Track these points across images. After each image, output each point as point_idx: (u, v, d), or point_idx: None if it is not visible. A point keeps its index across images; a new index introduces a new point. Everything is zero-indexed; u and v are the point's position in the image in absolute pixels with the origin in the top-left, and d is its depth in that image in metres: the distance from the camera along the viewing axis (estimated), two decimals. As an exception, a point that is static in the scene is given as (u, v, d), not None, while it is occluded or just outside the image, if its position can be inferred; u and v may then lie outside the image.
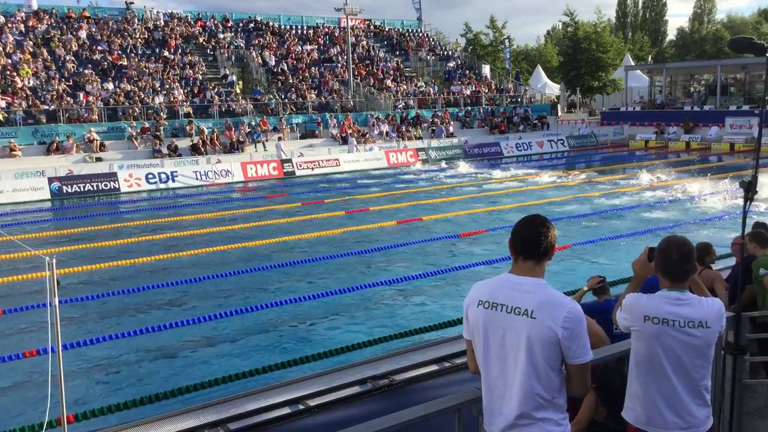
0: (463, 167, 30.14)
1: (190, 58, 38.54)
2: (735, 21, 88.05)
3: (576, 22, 65.71)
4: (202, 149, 30.53)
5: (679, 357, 3.39)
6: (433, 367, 7.11)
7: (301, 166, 30.70)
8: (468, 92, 43.59)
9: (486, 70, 49.51)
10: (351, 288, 11.68)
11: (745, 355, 4.90)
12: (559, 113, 50.77)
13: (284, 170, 30.11)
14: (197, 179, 27.96)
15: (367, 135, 35.23)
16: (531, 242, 3.02)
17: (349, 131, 34.91)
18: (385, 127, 36.32)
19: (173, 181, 27.51)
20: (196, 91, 35.15)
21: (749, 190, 4.23)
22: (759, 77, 41.22)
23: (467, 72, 47.58)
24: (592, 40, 60.16)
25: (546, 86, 54.06)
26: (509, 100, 45.03)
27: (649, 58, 71.67)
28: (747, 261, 6.84)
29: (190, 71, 37.08)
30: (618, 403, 3.71)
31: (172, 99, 33.66)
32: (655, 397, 3.45)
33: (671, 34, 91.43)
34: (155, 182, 27.18)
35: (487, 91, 45.11)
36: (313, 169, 30.88)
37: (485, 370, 3.10)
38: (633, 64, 56.44)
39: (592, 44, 59.75)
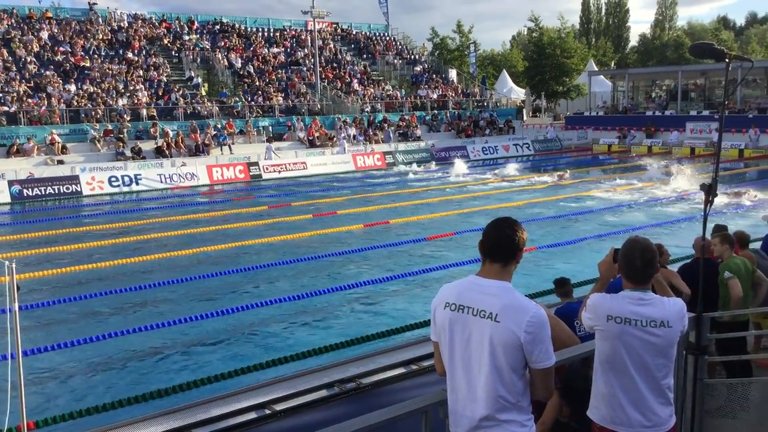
0: (431, 171, 30.25)
1: (154, 59, 38.05)
2: (695, 28, 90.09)
3: (540, 27, 66.49)
4: (167, 152, 30.14)
5: (642, 356, 3.44)
6: (401, 370, 7.12)
7: (267, 169, 30.51)
8: (435, 96, 43.81)
9: (453, 74, 49.83)
10: (318, 291, 11.63)
11: (706, 355, 5.00)
12: (525, 117, 51.28)
13: (251, 173, 29.88)
14: (162, 182, 27.60)
15: (334, 138, 35.15)
16: (498, 245, 3.04)
17: (317, 134, 34.82)
18: (352, 131, 36.30)
19: (137, 184, 27.11)
20: (160, 93, 34.70)
21: (709, 193, 4.32)
22: (718, 83, 42.21)
23: (434, 76, 47.82)
24: (556, 45, 60.91)
25: (512, 91, 54.58)
26: (475, 104, 45.37)
27: (612, 64, 72.93)
28: (712, 262, 6.99)
29: (155, 73, 36.60)
30: (582, 403, 3.75)
31: (135, 101, 33.19)
32: (619, 395, 3.50)
33: (633, 40, 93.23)
34: (118, 185, 26.76)
35: (453, 95, 45.39)
36: (280, 172, 30.70)
37: (451, 372, 3.11)
38: (596, 69, 57.29)
39: (556, 50, 60.50)
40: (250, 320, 10.54)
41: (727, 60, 4.33)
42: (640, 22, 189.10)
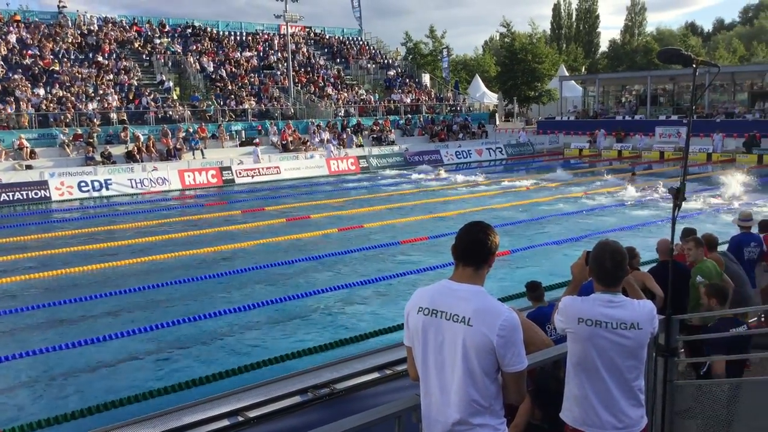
0: (407, 175, 30.32)
1: (124, 63, 37.62)
2: (664, 33, 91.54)
3: (512, 33, 67.11)
4: (138, 156, 29.80)
5: (612, 358, 3.47)
6: (375, 375, 7.10)
7: (240, 173, 30.31)
8: (408, 100, 43.93)
9: (426, 78, 50.02)
10: (292, 296, 11.57)
11: (675, 357, 5.07)
12: (497, 122, 51.66)
13: (223, 178, 29.68)
14: (132, 187, 27.28)
15: (308, 143, 35.06)
16: (471, 249, 3.05)
17: (290, 138, 34.68)
18: (326, 135, 36.24)
19: (107, 189, 26.76)
20: (131, 97, 34.30)
21: (677, 196, 4.38)
22: (687, 88, 42.94)
23: (407, 80, 47.96)
24: (528, 50, 61.50)
25: (484, 95, 54.96)
26: (449, 108, 45.58)
27: (583, 69, 73.82)
28: (680, 265, 7.09)
29: (125, 77, 36.18)
30: (554, 405, 3.78)
31: (106, 105, 32.76)
32: (591, 397, 3.53)
33: (604, 46, 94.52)
34: (88, 190, 26.39)
35: (427, 99, 45.56)
36: (253, 176, 30.53)
37: (424, 376, 3.11)
38: (567, 74, 57.92)
39: (528, 55, 61.08)
40: (223, 326, 10.45)
41: (694, 65, 4.41)
42: (609, 27, 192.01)
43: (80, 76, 34.64)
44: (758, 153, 32.99)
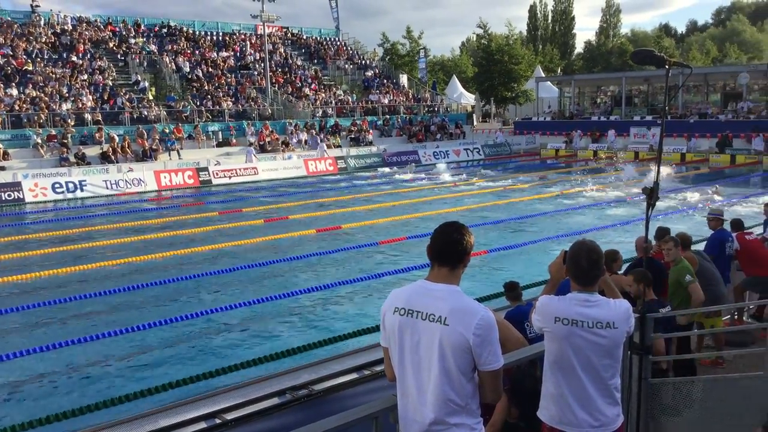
0: (384, 175, 30.34)
1: (99, 63, 37.20)
2: (638, 35, 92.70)
3: (489, 34, 67.39)
4: (113, 157, 29.47)
5: (588, 357, 3.50)
6: (353, 376, 7.09)
7: (217, 174, 30.11)
8: (386, 101, 43.95)
9: (404, 79, 50.09)
10: (269, 297, 11.52)
11: (650, 355, 5.12)
12: (475, 122, 51.89)
13: (200, 179, 29.46)
14: (107, 188, 26.98)
15: (289, 145, 34.92)
16: (446, 249, 3.06)
17: (268, 139, 34.52)
18: (303, 136, 36.12)
19: (81, 190, 26.44)
20: (105, 98, 33.92)
21: (651, 196, 4.43)
22: (661, 89, 43.43)
23: (385, 81, 47.98)
24: (504, 51, 61.80)
25: (462, 96, 55.16)
26: (426, 109, 45.69)
27: (559, 70, 74.40)
28: (655, 262, 7.17)
29: (100, 77, 35.78)
30: (530, 404, 3.80)
31: (80, 105, 32.37)
32: (567, 396, 3.55)
33: (579, 47, 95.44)
34: (62, 192, 26.04)
35: (404, 100, 45.61)
36: (230, 177, 30.34)
37: (400, 376, 3.12)
38: (543, 75, 58.37)
39: (504, 56, 61.38)
40: (200, 327, 10.37)
41: (667, 66, 4.46)
42: (585, 29, 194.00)
43: (54, 76, 34.19)
44: (731, 153, 33.48)
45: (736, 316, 9.07)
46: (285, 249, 15.77)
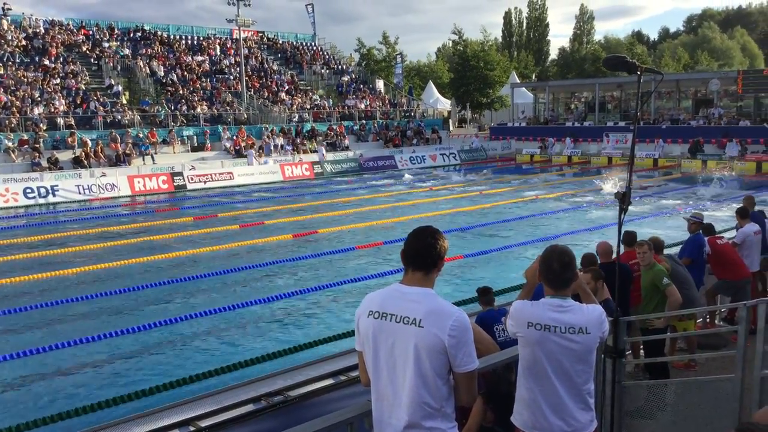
0: (360, 180, 30.31)
1: (72, 67, 36.74)
2: (611, 42, 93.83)
3: (464, 40, 67.82)
4: (86, 162, 29.11)
5: (561, 362, 3.50)
6: (329, 381, 7.05)
7: (192, 179, 29.86)
8: (362, 106, 43.96)
9: (380, 84, 50.15)
10: (245, 303, 11.44)
11: (623, 359, 5.17)
12: (451, 128, 52.12)
13: (174, 184, 29.19)
14: (80, 193, 26.62)
15: (263, 150, 34.76)
16: (420, 253, 3.06)
17: (243, 144, 34.33)
18: (280, 140, 36.00)
19: (53, 195, 26.06)
20: (78, 102, 33.51)
21: (623, 201, 4.47)
22: (634, 95, 43.92)
23: (361, 86, 48.01)
24: (479, 58, 62.24)
25: (438, 101, 55.37)
26: (402, 114, 45.80)
27: (534, 76, 75.05)
28: (626, 267, 7.25)
29: (73, 81, 35.33)
30: (506, 408, 3.80)
31: (52, 109, 31.93)
32: (540, 401, 3.55)
33: (553, 54, 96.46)
34: (34, 197, 25.64)
35: (381, 105, 45.67)
36: (205, 182, 30.10)
37: (375, 380, 3.10)
38: (518, 81, 58.81)
39: (479, 62, 61.81)
40: (173, 334, 10.26)
41: (638, 73, 4.51)
42: (559, 36, 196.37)
43: (26, 80, 33.70)
44: (702, 158, 33.99)
45: (708, 320, 9.20)
46: (261, 254, 15.68)
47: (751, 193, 13.18)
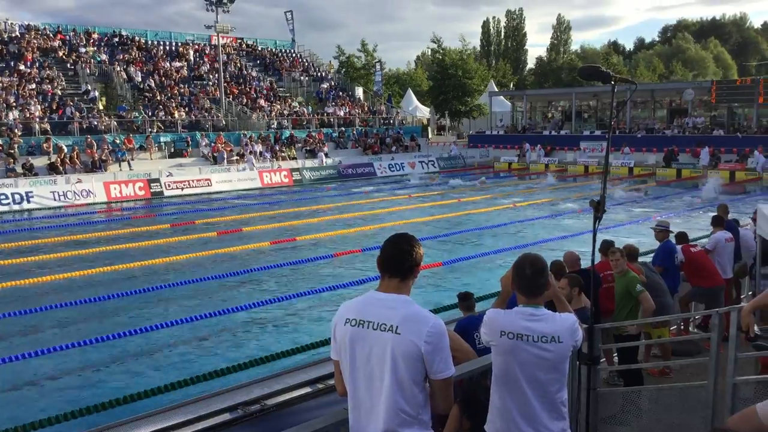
0: (340, 187, 30.29)
1: (48, 72, 36.34)
2: (588, 52, 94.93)
3: (443, 49, 68.17)
4: (61, 168, 28.76)
5: (533, 371, 3.50)
6: (307, 389, 7.00)
7: (169, 186, 29.62)
8: (342, 113, 43.97)
9: (359, 92, 50.20)
10: (223, 311, 11.35)
11: (598, 366, 5.21)
12: (430, 135, 52.31)
13: (151, 190, 28.94)
14: (55, 200, 26.30)
15: (244, 156, 34.59)
16: (396, 260, 3.07)
17: (218, 149, 34.15)
18: (258, 147, 35.86)
19: (28, 202, 25.72)
20: (54, 107, 33.13)
21: (598, 209, 4.51)
22: (609, 104, 44.49)
23: (341, 93, 48.02)
24: (458, 66, 62.59)
25: (417, 109, 55.55)
26: (382, 121, 45.87)
27: (511, 85, 75.62)
28: (597, 274, 7.31)
29: (48, 86, 34.94)
30: (482, 416, 3.80)
31: (28, 115, 31.53)
32: (512, 409, 3.55)
33: (531, 63, 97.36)
34: (8, 203, 25.29)
35: (360, 112, 45.72)
36: (183, 189, 29.88)
37: (352, 387, 3.10)
38: (496, 90, 59.23)
39: (458, 70, 62.16)
40: (150, 342, 10.15)
41: (612, 82, 4.57)
42: (536, 45, 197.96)
43: (1, 84, 33.26)
44: (677, 167, 34.45)
45: (682, 327, 9.30)
46: (239, 262, 15.59)
47: (725, 202, 13.37)
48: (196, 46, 46.91)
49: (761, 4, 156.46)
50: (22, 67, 35.58)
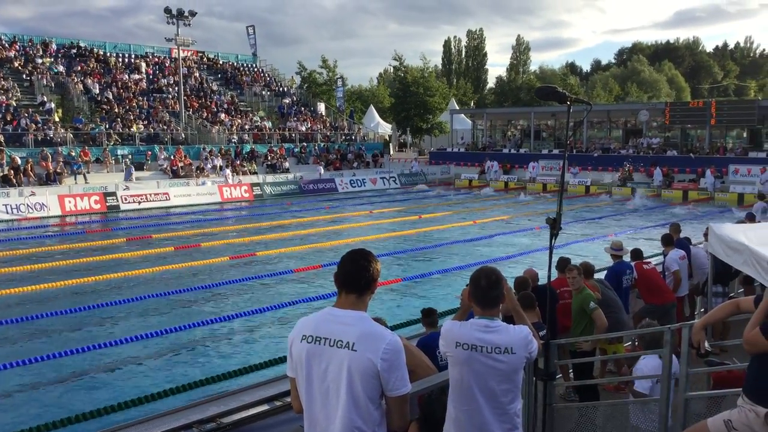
0: (302, 203, 30.15)
1: (2, 83, 35.53)
2: (546, 72, 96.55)
3: (405, 66, 68.75)
4: (14, 180, 28.06)
5: (487, 381, 3.57)
6: (264, 407, 6.93)
7: (126, 199, 29.12)
8: (303, 129, 43.91)
9: (321, 107, 50.23)
10: (177, 327, 11.18)
11: (554, 381, 5.27)
12: (391, 152, 52.55)
13: (107, 204, 28.39)
14: (7, 213, 25.62)
15: (205, 170, 34.24)
16: (353, 276, 3.07)
17: (181, 164, 33.74)
18: (218, 161, 35.54)
19: (-22, 214, 25.00)
20: (8, 118, 32.35)
21: (554, 226, 4.59)
22: (565, 124, 45.30)
23: (303, 109, 47.98)
24: (419, 84, 63.18)
25: (379, 125, 55.78)
26: (343, 137, 45.94)
27: (472, 104, 76.56)
28: (553, 291, 7.42)
29: (3, 97, 34.13)
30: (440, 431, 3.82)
31: (-21, 126, 30.75)
32: (465, 420, 3.61)
33: (491, 82, 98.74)
34: (-43, 216, 24.55)
35: (322, 128, 45.71)
36: (140, 203, 29.38)
37: (308, 405, 3.08)
38: (457, 108, 59.87)
39: (420, 88, 62.75)
40: (103, 359, 9.92)
41: (568, 102, 4.67)
42: (496, 65, 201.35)
43: (-49, 94, 32.42)
44: (632, 186, 35.19)
45: (636, 343, 9.45)
46: (196, 277, 15.37)
47: (676, 221, 13.68)
48: (156, 59, 46.43)
49: (713, 29, 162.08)
50: (-26, 77, 34.74)
